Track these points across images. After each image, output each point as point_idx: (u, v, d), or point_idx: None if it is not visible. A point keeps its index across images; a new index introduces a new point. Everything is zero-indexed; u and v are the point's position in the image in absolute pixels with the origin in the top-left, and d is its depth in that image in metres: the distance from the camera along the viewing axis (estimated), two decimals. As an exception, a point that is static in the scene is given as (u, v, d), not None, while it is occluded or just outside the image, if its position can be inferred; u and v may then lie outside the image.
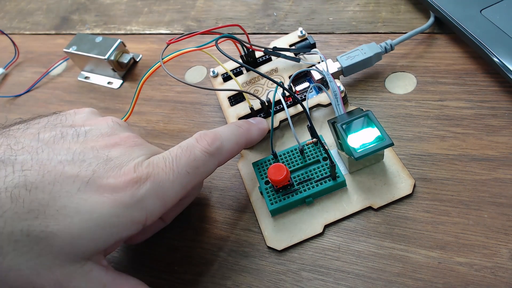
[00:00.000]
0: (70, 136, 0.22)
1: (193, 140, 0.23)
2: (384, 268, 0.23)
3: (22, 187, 0.19)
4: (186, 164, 0.22)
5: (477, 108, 0.28)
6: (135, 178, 0.20)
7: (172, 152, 0.23)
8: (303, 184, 0.26)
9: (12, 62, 0.46)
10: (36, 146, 0.21)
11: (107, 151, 0.22)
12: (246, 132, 0.26)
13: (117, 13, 0.48)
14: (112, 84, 0.40)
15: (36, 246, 0.18)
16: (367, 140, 0.24)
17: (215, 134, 0.24)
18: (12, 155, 0.20)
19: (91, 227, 0.19)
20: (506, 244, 0.22)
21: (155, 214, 0.21)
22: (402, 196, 0.25)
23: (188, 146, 0.23)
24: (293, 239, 0.25)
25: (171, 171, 0.21)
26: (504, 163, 0.25)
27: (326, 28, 0.37)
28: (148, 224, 0.21)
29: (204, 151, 0.23)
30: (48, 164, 0.20)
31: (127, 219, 0.20)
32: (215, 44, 0.27)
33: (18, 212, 0.18)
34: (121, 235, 0.20)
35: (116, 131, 0.24)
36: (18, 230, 0.18)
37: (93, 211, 0.19)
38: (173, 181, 0.21)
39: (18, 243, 0.18)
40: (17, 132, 0.22)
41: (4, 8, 0.56)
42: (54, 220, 0.18)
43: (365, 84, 0.31)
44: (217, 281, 0.25)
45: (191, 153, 0.22)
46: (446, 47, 0.32)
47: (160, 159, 0.22)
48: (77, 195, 0.19)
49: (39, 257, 0.18)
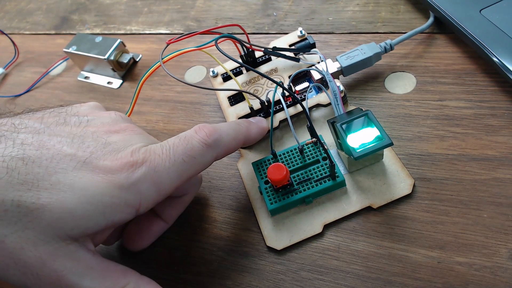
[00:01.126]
0: (72, 122, 0.23)
1: (192, 131, 0.23)
2: (384, 268, 0.23)
3: (19, 159, 0.19)
4: (183, 152, 0.22)
5: (476, 108, 0.28)
6: (131, 162, 0.21)
7: (170, 141, 0.23)
8: (303, 184, 0.26)
9: (12, 62, 0.46)
10: (39, 127, 0.21)
11: (106, 136, 0.22)
12: (245, 129, 0.26)
13: (117, 13, 0.48)
14: (112, 84, 0.40)
15: (25, 217, 0.18)
16: (367, 140, 0.24)
17: (214, 127, 0.24)
18: (14, 131, 0.20)
19: (83, 203, 0.19)
20: (505, 243, 0.22)
21: (149, 200, 0.21)
22: (402, 196, 0.25)
23: (186, 136, 0.23)
24: (293, 239, 0.25)
25: (167, 157, 0.22)
26: (503, 163, 0.25)
27: (326, 28, 0.37)
28: (141, 211, 0.21)
29: (202, 142, 0.23)
30: (48, 143, 0.20)
31: (121, 201, 0.20)
32: (215, 44, 0.27)
33: (12, 182, 0.18)
34: (113, 218, 0.20)
35: (118, 122, 0.24)
36: (9, 199, 0.18)
37: (87, 189, 0.19)
38: (169, 167, 0.21)
39: (7, 213, 0.18)
40: (24, 115, 0.23)
41: (4, 8, 0.56)
42: (47, 194, 0.18)
43: (365, 84, 0.31)
44: (217, 281, 0.25)
45: (188, 142, 0.23)
46: (445, 47, 0.32)
47: (157, 146, 0.22)
48: (72, 172, 0.19)
49: (25, 230, 0.18)
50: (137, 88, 0.29)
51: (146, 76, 0.28)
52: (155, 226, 0.27)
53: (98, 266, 0.20)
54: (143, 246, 0.27)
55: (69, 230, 0.19)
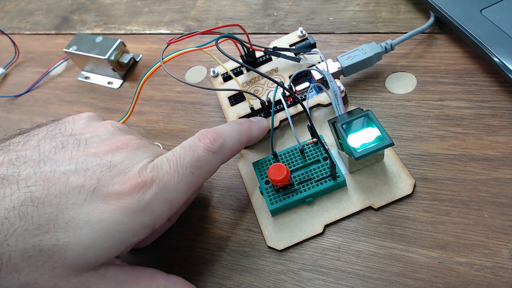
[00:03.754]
0: (71, 145, 0.22)
1: (195, 139, 0.23)
2: (384, 268, 0.23)
3: (29, 203, 0.19)
4: (190, 164, 0.22)
5: (477, 108, 0.28)
6: (140, 183, 0.20)
7: (176, 153, 0.22)
8: (303, 184, 0.26)
9: (12, 62, 0.46)
10: (38, 159, 0.21)
11: (109, 157, 0.22)
12: (247, 129, 0.26)
13: (117, 13, 0.48)
14: (112, 84, 0.40)
15: (50, 259, 0.18)
16: (367, 140, 0.24)
17: (217, 132, 0.24)
18: (15, 171, 0.20)
19: (101, 236, 0.19)
20: (506, 244, 0.22)
21: (163, 217, 0.21)
22: (402, 196, 0.25)
23: (191, 145, 0.23)
24: (293, 239, 0.25)
25: (175, 173, 0.21)
26: (504, 163, 0.25)
27: (326, 28, 0.37)
28: (156, 227, 0.21)
29: (207, 150, 0.23)
30: (52, 177, 0.20)
31: (136, 225, 0.20)
32: (215, 44, 0.27)
33: (29, 229, 0.18)
34: (131, 241, 0.20)
35: (117, 135, 0.24)
36: (30, 246, 0.18)
37: (102, 220, 0.19)
38: (178, 182, 0.21)
39: (32, 258, 0.18)
40: (18, 146, 0.22)
41: (4, 8, 0.56)
42: (64, 233, 0.19)
43: (365, 84, 0.31)
44: (217, 281, 0.25)
45: (194, 152, 0.22)
46: (446, 47, 0.32)
47: (164, 161, 0.22)
48: (84, 205, 0.19)
49: (53, 269, 0.18)
50: (137, 88, 0.29)
51: (147, 76, 0.28)
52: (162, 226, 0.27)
53: (129, 278, 0.21)
54: (146, 243, 0.27)
55: (93, 261, 0.19)
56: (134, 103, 0.30)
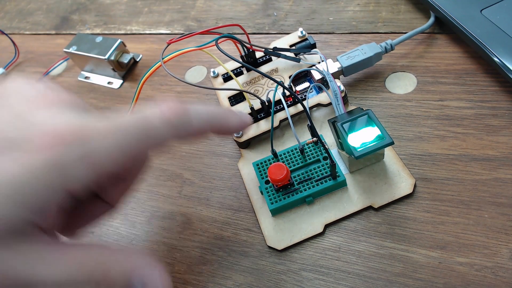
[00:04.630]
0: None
1: (153, 106, 0.20)
2: (385, 268, 0.23)
3: None
4: (129, 124, 0.19)
5: (477, 108, 0.28)
6: (59, 137, 0.17)
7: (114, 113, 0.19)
8: (303, 184, 0.26)
9: (12, 62, 0.46)
10: None
11: (31, 115, 0.18)
12: (223, 116, 0.23)
13: (117, 13, 0.48)
14: (112, 84, 0.40)
15: None
16: (368, 139, 0.24)
17: (182, 104, 0.20)
18: None
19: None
20: (506, 244, 0.22)
21: (83, 179, 0.18)
22: (403, 196, 0.25)
23: (141, 109, 0.19)
24: (294, 238, 0.25)
25: (106, 130, 0.18)
26: (504, 163, 0.25)
27: (326, 28, 0.37)
28: (78, 193, 0.18)
29: (163, 118, 0.19)
30: None
31: (47, 185, 0.17)
32: (215, 44, 0.27)
33: None
34: (43, 205, 0.17)
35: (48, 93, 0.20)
36: None
37: (2, 177, 0.16)
38: (108, 142, 0.18)
39: None
40: None
41: (4, 8, 0.56)
42: None
43: (365, 84, 0.31)
44: (217, 281, 0.25)
45: (139, 114, 0.19)
46: (446, 47, 0.32)
47: (94, 117, 0.19)
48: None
49: None
50: (137, 88, 0.29)
51: (147, 76, 0.28)
52: (98, 208, 0.23)
53: (52, 254, 0.17)
54: (85, 228, 0.23)
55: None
56: (134, 103, 0.30)
